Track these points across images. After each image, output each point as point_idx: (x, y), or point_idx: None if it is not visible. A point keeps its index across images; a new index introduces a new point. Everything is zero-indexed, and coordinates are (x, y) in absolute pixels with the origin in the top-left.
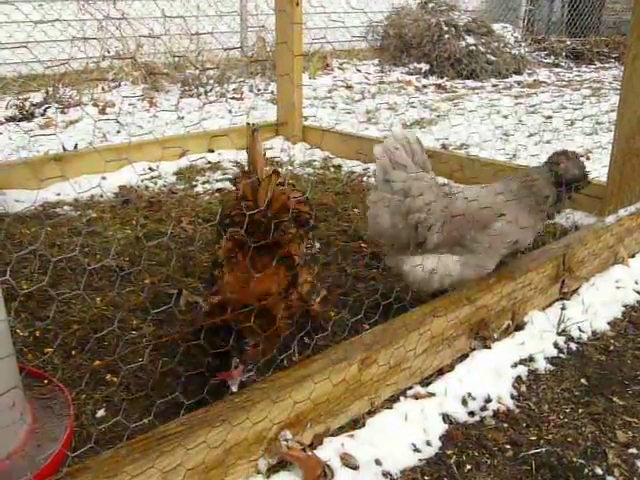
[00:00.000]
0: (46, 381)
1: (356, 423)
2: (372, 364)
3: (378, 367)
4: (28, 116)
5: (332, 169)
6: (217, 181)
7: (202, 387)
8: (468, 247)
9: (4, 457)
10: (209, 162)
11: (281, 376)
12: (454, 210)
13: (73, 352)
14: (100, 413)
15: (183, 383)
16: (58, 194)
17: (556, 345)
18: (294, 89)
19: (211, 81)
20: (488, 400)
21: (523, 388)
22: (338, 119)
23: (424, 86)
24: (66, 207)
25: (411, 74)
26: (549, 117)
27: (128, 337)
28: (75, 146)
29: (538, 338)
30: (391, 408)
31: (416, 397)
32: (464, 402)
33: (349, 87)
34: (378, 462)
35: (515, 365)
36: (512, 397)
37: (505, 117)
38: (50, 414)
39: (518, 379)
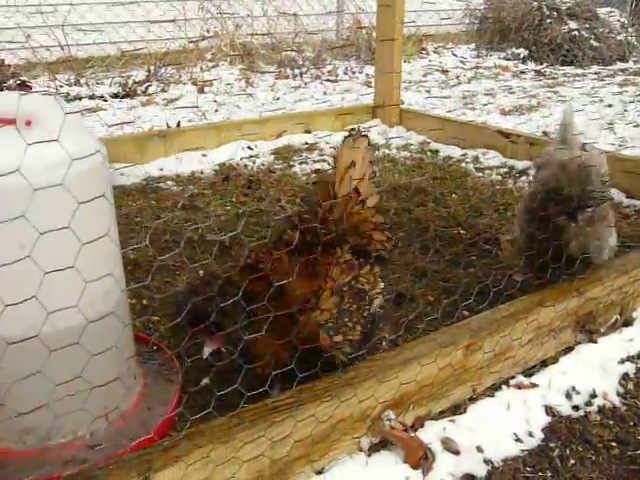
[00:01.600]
0: (155, 348)
1: (457, 408)
2: (478, 350)
3: (483, 354)
4: (131, 93)
5: (429, 154)
6: (314, 162)
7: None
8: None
9: (118, 417)
10: (306, 143)
11: (387, 357)
12: None
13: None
14: (204, 381)
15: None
16: (161, 169)
17: None
18: (393, 72)
19: (307, 63)
20: (593, 395)
21: (630, 386)
22: (434, 103)
23: (522, 72)
24: (169, 182)
25: (509, 59)
26: None
27: None
28: (178, 123)
29: None
30: (492, 396)
31: (519, 387)
32: (568, 396)
33: (444, 71)
34: (479, 449)
35: (622, 362)
36: (618, 394)
37: (609, 106)
38: (159, 379)
39: (625, 376)
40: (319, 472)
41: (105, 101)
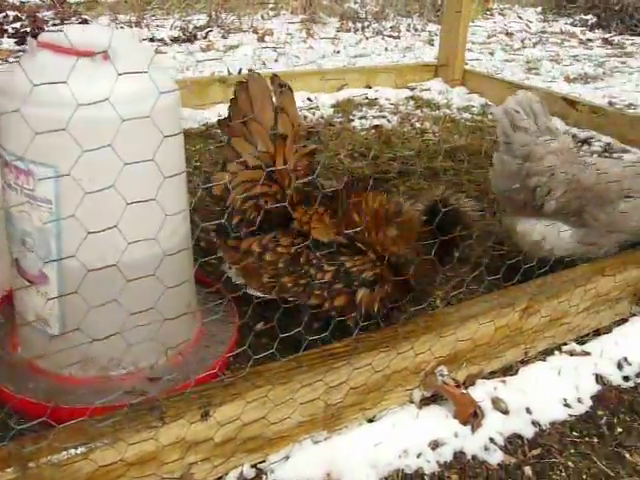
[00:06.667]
0: (213, 290)
1: (509, 370)
2: (534, 314)
3: (540, 318)
4: (191, 38)
5: (490, 116)
6: (374, 117)
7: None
8: (586, 222)
9: (178, 353)
10: (366, 98)
11: (444, 313)
12: (580, 179)
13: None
14: (259, 326)
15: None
16: (220, 115)
17: None
18: (459, 30)
19: (369, 17)
20: None
21: None
22: (497, 66)
23: (589, 40)
24: None
25: (576, 26)
26: None
27: None
28: (239, 70)
29: None
30: (544, 361)
31: (571, 354)
32: (619, 366)
33: (509, 34)
34: (528, 410)
35: None
36: None
37: None
38: (217, 320)
39: None
40: (370, 420)
41: (165, 44)
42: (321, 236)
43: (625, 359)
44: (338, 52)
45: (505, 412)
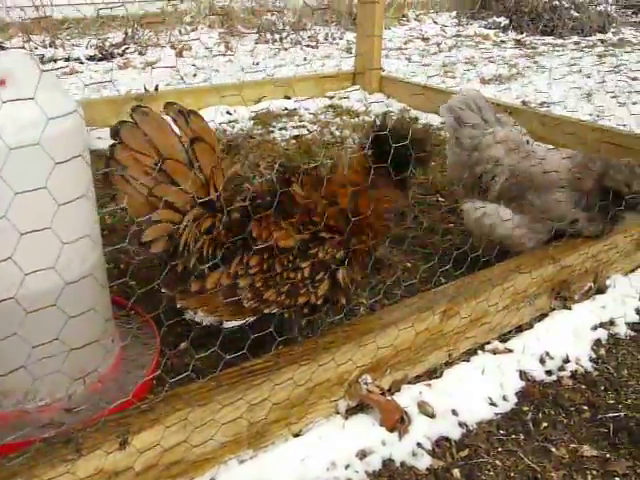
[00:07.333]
0: (132, 312)
1: (433, 373)
2: (454, 316)
3: (460, 319)
4: (107, 56)
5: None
6: (293, 127)
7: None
8: (524, 207)
9: (96, 380)
10: (285, 108)
11: (365, 321)
12: (522, 167)
13: (156, 286)
14: (182, 345)
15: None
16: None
17: (638, 311)
18: (374, 38)
19: (287, 28)
20: (566, 361)
21: (602, 351)
22: (414, 71)
23: (502, 41)
24: None
25: (489, 28)
26: (634, 79)
27: None
28: (156, 87)
29: (620, 303)
30: (468, 361)
31: (494, 352)
32: (542, 361)
33: (425, 39)
34: (454, 412)
35: (595, 328)
36: (590, 360)
37: (587, 77)
38: (137, 343)
39: (597, 342)
40: (297, 435)
41: (81, 64)
42: (288, 242)
43: (547, 353)
44: (257, 64)
45: (431, 416)
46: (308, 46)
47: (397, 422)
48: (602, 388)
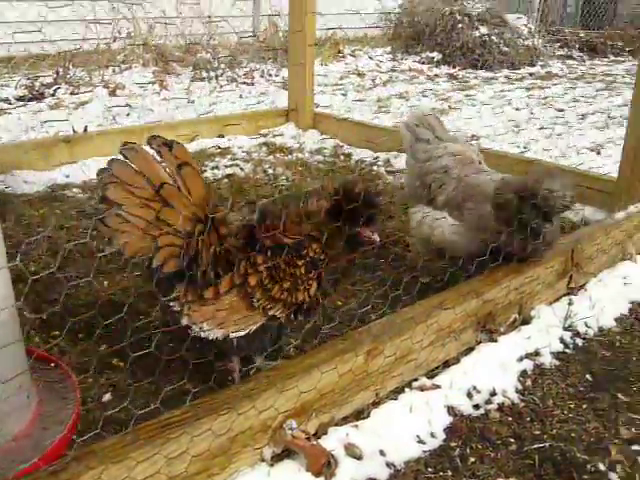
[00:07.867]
0: (53, 364)
1: (361, 413)
2: (379, 355)
3: (384, 358)
4: (38, 96)
5: (342, 157)
6: (226, 166)
7: (209, 375)
8: (462, 216)
9: (10, 439)
10: (219, 147)
11: (287, 365)
12: (465, 178)
13: (80, 336)
14: (106, 397)
15: (190, 370)
16: (67, 176)
17: (562, 340)
18: (306, 75)
19: (222, 65)
20: (493, 393)
21: (528, 382)
22: (349, 107)
23: (436, 75)
24: (75, 189)
25: (423, 63)
26: (561, 110)
27: (136, 322)
28: (85, 128)
29: (544, 333)
30: (396, 399)
31: (421, 389)
32: (469, 395)
33: (361, 74)
34: (382, 453)
35: (521, 359)
36: (517, 391)
37: (517, 109)
38: (56, 397)
39: (523, 373)
40: None
41: (10, 104)
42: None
43: (474, 387)
44: (192, 102)
45: (359, 457)
46: (244, 83)
47: (323, 466)
48: (528, 419)
